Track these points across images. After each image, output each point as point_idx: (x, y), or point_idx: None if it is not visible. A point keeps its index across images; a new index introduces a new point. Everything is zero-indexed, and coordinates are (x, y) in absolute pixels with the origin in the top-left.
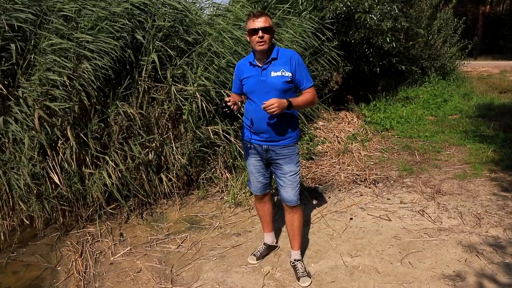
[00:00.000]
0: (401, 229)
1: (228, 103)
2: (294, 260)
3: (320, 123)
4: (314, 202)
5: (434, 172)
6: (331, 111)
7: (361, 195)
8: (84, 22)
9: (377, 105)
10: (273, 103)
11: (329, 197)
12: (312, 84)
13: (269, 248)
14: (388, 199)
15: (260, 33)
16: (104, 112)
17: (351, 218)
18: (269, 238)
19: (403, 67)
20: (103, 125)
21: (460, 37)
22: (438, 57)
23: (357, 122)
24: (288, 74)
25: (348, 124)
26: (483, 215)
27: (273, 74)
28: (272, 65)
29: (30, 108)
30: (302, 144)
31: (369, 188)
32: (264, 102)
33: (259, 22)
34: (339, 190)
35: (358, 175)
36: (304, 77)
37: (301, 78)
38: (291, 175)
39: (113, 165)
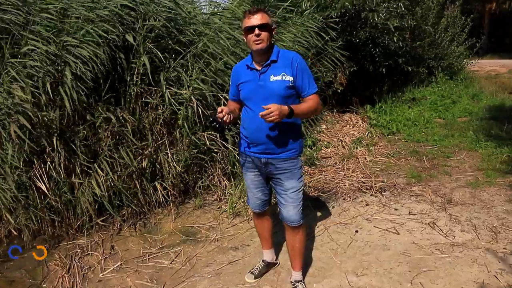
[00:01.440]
0: (411, 244)
1: (218, 115)
2: (295, 281)
3: (323, 126)
4: (317, 212)
5: (444, 179)
6: (335, 113)
7: (367, 205)
8: (71, 24)
9: (383, 107)
10: (273, 110)
11: (333, 207)
12: (316, 90)
13: (268, 266)
14: (396, 209)
15: (257, 31)
16: (94, 117)
17: (357, 231)
18: (268, 255)
19: (409, 68)
20: (90, 132)
21: (468, 36)
22: (445, 56)
23: (362, 125)
24: (290, 78)
25: (352, 127)
26: (499, 228)
27: (273, 78)
28: (271, 68)
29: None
30: (304, 148)
31: (375, 197)
32: (263, 107)
33: (255, 19)
34: (344, 199)
35: (364, 183)
36: (307, 82)
37: (303, 84)
38: (292, 192)
39: (103, 174)
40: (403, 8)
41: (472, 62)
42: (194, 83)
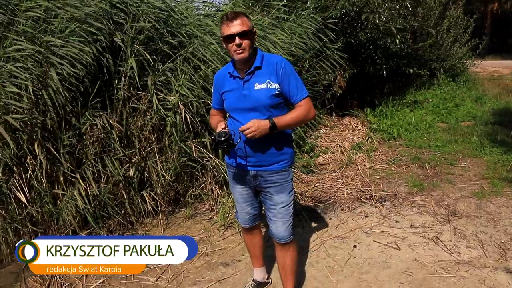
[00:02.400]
0: (413, 261)
1: (225, 130)
2: None
3: (322, 130)
4: (313, 224)
5: (447, 188)
6: (334, 116)
7: (366, 216)
8: (57, 23)
9: (383, 110)
10: (251, 127)
11: (330, 218)
12: (306, 95)
13: (260, 285)
14: (397, 221)
15: (237, 40)
16: (80, 123)
17: (355, 246)
18: (259, 274)
19: (411, 70)
20: (74, 139)
21: (470, 37)
22: (447, 57)
23: (361, 129)
24: (275, 85)
25: (352, 131)
26: (508, 245)
27: (258, 86)
28: (255, 76)
29: None
30: (302, 155)
31: (375, 207)
32: (241, 128)
33: (235, 26)
34: (342, 209)
35: (363, 192)
36: (295, 88)
37: (291, 89)
38: (282, 207)
39: (85, 184)
40: (410, 8)
41: (475, 64)
42: (181, 89)
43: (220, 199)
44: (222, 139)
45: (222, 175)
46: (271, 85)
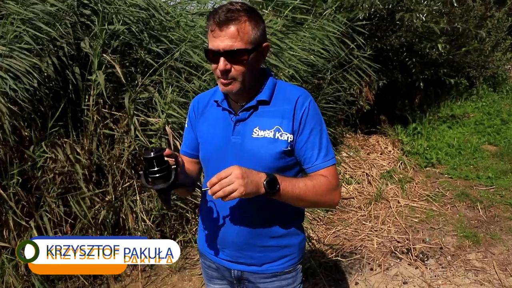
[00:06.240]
0: None
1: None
2: None
3: (344, 153)
4: None
5: None
6: (358, 134)
7: (404, 283)
8: (2, 25)
9: (417, 128)
10: (225, 176)
11: (357, 283)
12: (333, 162)
13: None
14: None
15: (222, 63)
16: (37, 154)
17: None
18: None
19: (452, 80)
20: (28, 174)
21: None
22: (488, 64)
23: (392, 151)
24: (287, 136)
25: (380, 154)
26: None
27: (258, 133)
28: (258, 114)
29: None
30: None
31: (416, 268)
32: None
33: (223, 38)
34: (371, 268)
35: (398, 242)
36: (317, 145)
37: (309, 145)
38: None
39: (40, 232)
40: (454, 3)
41: None
42: (169, 108)
43: None
44: (151, 155)
45: None
46: (281, 135)
